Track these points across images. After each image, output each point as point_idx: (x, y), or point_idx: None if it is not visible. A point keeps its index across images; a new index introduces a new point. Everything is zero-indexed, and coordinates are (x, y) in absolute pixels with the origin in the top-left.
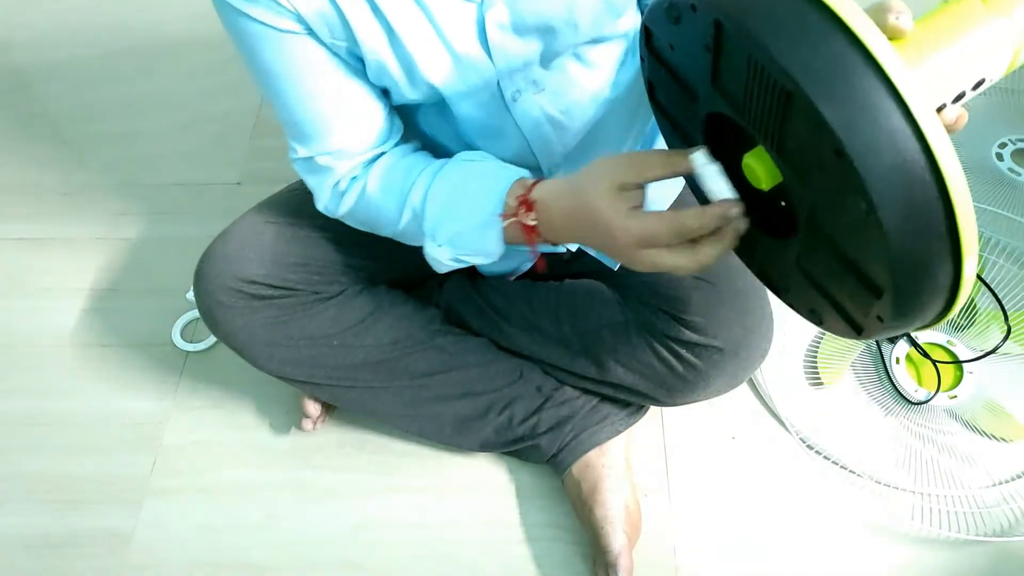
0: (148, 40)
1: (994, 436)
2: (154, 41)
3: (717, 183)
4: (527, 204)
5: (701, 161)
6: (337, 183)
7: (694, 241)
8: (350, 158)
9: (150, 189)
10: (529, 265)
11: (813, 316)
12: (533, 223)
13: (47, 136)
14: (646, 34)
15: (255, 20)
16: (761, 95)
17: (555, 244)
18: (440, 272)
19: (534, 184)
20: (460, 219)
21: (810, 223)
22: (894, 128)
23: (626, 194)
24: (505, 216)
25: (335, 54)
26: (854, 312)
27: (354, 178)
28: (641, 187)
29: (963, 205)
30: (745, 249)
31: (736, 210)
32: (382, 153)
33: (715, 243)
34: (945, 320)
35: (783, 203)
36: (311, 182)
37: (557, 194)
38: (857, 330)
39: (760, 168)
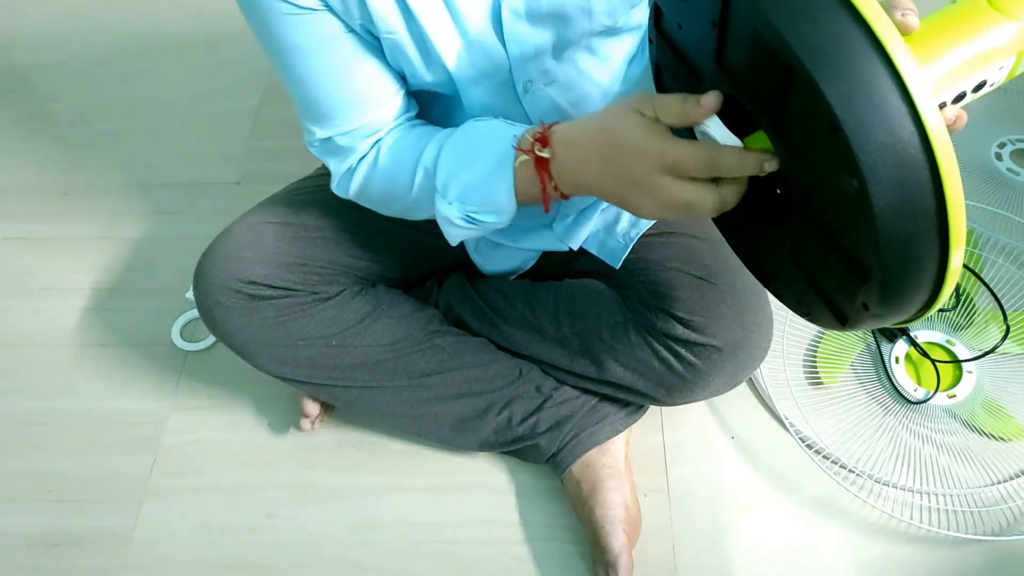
0: (148, 41)
1: (993, 435)
2: (154, 42)
3: (721, 131)
4: (543, 139)
5: (714, 113)
6: (352, 163)
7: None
8: (369, 136)
9: (150, 189)
10: (530, 264)
11: (800, 307)
12: (547, 155)
13: (47, 136)
14: (656, 14)
15: None
16: (764, 71)
17: (567, 194)
18: (453, 243)
19: (552, 124)
20: (474, 166)
21: (804, 208)
22: (890, 107)
23: (657, 122)
24: (519, 149)
25: (352, 31)
26: (840, 300)
27: (363, 157)
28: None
29: (954, 190)
30: (737, 239)
31: (773, 162)
32: (397, 127)
33: (734, 184)
34: (928, 314)
35: (778, 190)
36: (330, 163)
37: (577, 126)
38: (842, 320)
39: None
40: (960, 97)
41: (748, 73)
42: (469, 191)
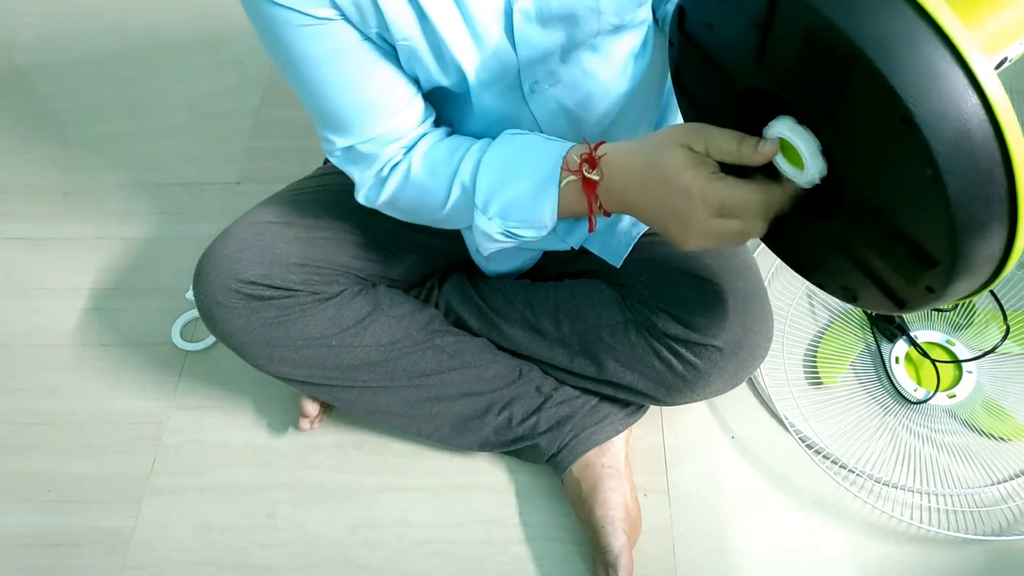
0: (148, 41)
1: (993, 435)
2: (154, 42)
3: (811, 149)
4: (591, 160)
5: (787, 125)
6: (380, 170)
7: None
8: (392, 142)
9: (150, 189)
10: (531, 264)
11: (846, 293)
12: (596, 178)
13: (48, 136)
14: (680, 16)
15: (289, 8)
16: (817, 68)
17: (609, 213)
18: (485, 253)
19: (598, 144)
20: (517, 183)
21: (857, 198)
22: (961, 96)
23: (704, 160)
24: (567, 169)
25: (366, 39)
26: (898, 285)
27: (395, 164)
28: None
29: (1023, 168)
30: (771, 232)
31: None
32: (422, 135)
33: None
34: (988, 290)
35: (819, 181)
36: (353, 172)
37: (625, 153)
38: (899, 303)
39: (799, 157)
40: None
41: (795, 70)
42: (511, 208)
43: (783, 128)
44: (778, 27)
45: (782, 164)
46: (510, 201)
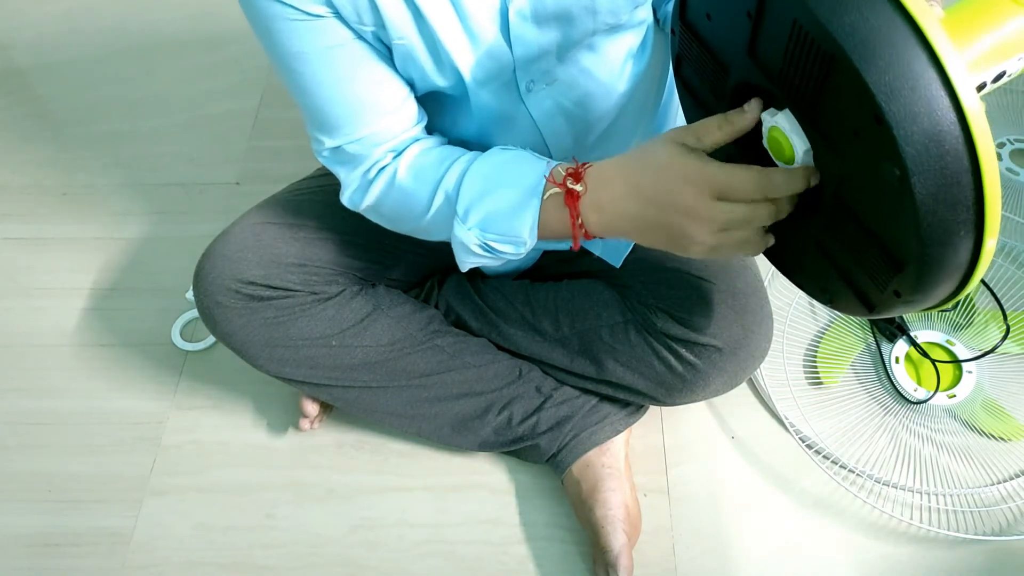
0: (148, 41)
1: (993, 435)
2: (154, 42)
3: (794, 128)
4: (576, 175)
5: (770, 112)
6: (367, 171)
7: None
8: (381, 144)
9: (150, 189)
10: (530, 264)
11: (824, 296)
12: (580, 189)
13: (47, 136)
14: (682, 5)
15: (283, 4)
16: (801, 62)
17: (592, 232)
18: (463, 269)
19: (584, 164)
20: (500, 193)
21: (835, 197)
22: (933, 97)
23: (698, 151)
24: (550, 181)
25: (362, 38)
26: (869, 288)
27: (382, 168)
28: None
29: (992, 180)
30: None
31: (817, 176)
32: (413, 139)
33: (790, 200)
34: (956, 301)
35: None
36: (340, 173)
37: (612, 165)
38: (869, 307)
39: (786, 141)
40: (981, 87)
41: (783, 64)
42: (491, 219)
43: (767, 114)
44: (767, 18)
45: (774, 160)
46: (491, 211)
